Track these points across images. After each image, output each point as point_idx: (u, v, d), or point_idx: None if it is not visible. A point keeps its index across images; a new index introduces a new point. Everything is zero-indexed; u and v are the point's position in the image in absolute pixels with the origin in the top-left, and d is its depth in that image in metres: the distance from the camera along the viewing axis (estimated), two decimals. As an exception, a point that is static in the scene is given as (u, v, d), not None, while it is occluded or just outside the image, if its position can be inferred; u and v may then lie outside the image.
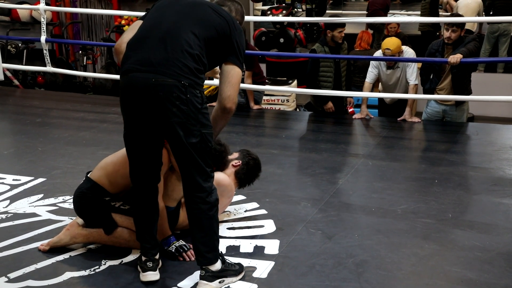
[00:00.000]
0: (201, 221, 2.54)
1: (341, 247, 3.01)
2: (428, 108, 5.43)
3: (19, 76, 8.49)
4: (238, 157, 3.32)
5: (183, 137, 2.45)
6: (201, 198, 2.52)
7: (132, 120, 2.54)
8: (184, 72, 2.42)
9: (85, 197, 2.95)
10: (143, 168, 2.63)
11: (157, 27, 2.52)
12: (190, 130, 2.44)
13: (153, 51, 2.45)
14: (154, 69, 2.41)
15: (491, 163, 4.37)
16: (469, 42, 4.99)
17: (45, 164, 4.34)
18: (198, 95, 2.46)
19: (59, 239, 2.99)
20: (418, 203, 3.60)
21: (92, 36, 9.37)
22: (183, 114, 2.42)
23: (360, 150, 4.66)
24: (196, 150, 2.47)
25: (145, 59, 2.45)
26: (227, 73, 2.61)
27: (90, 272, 2.80)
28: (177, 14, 2.55)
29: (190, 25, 2.50)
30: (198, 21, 2.53)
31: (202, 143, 2.48)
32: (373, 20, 5.63)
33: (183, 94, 2.40)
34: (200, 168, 2.50)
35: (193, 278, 2.72)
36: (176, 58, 2.42)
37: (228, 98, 2.61)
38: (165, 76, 2.40)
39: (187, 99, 2.41)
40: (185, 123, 2.43)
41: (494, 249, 3.00)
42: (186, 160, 2.50)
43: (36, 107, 6.30)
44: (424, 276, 2.76)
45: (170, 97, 2.40)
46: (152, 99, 2.41)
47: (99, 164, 3.05)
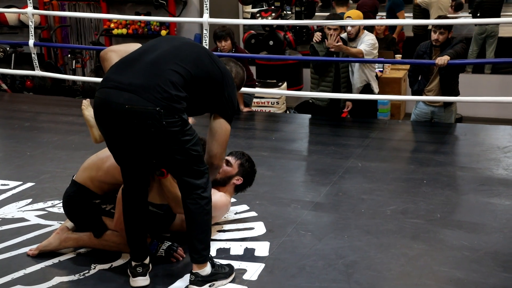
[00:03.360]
0: (198, 217, 2.55)
1: (331, 249, 3.02)
2: (417, 109, 5.46)
3: (7, 80, 8.43)
4: (238, 173, 3.26)
5: (167, 158, 2.49)
6: (198, 194, 2.53)
7: (110, 138, 2.55)
8: (163, 98, 2.38)
9: (73, 201, 2.95)
10: (131, 172, 2.63)
11: (150, 54, 2.52)
12: (173, 150, 2.45)
13: (137, 73, 2.44)
14: (132, 89, 2.39)
15: (479, 163, 4.40)
16: (456, 44, 5.03)
17: (34, 168, 4.32)
18: (176, 118, 2.41)
19: (49, 243, 2.98)
20: (407, 204, 3.62)
21: (81, 39, 9.32)
22: (161, 139, 2.42)
23: (350, 152, 4.68)
24: (184, 163, 2.49)
25: (127, 79, 2.43)
26: (215, 130, 2.64)
27: (80, 277, 2.79)
28: (173, 47, 2.56)
29: (182, 59, 2.50)
30: (192, 59, 2.53)
31: (189, 156, 2.49)
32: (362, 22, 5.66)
33: (158, 122, 2.36)
34: (192, 171, 2.52)
35: (184, 281, 2.72)
36: (157, 83, 2.39)
37: (215, 156, 2.68)
38: (140, 98, 2.36)
39: (163, 126, 2.38)
40: (165, 146, 2.44)
41: (482, 248, 3.02)
42: (176, 171, 2.54)
43: (25, 111, 6.26)
44: (413, 276, 2.77)
45: (145, 124, 2.37)
46: (127, 125, 2.40)
47: (82, 166, 3.03)
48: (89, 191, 2.94)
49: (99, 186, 2.95)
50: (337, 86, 5.48)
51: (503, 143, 4.87)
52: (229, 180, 3.24)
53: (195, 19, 7.48)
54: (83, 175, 2.98)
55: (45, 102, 6.82)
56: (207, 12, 5.69)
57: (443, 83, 5.11)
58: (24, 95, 8.20)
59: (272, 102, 7.10)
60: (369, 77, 5.51)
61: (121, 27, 8.61)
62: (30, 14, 6.39)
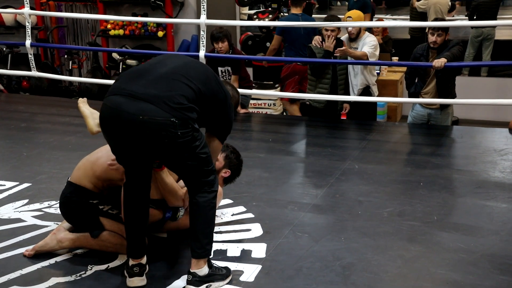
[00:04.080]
0: (205, 210, 2.57)
1: (327, 250, 3.02)
2: (413, 112, 5.48)
3: (3, 81, 8.41)
4: (225, 165, 3.25)
5: (177, 164, 2.52)
6: (206, 189, 2.57)
7: (118, 146, 2.56)
8: (178, 108, 2.40)
9: (70, 202, 2.94)
10: (135, 171, 2.63)
11: (161, 67, 2.56)
12: (184, 157, 2.47)
13: (151, 84, 2.45)
14: (146, 98, 2.39)
15: (476, 166, 4.41)
16: (453, 47, 5.04)
17: (30, 169, 4.31)
18: (189, 128, 2.44)
19: (45, 243, 2.97)
20: (403, 206, 3.62)
21: (78, 40, 9.31)
22: (173, 149, 2.43)
23: (347, 154, 4.69)
24: (194, 167, 2.52)
25: (140, 88, 2.44)
26: (211, 148, 2.67)
27: (76, 278, 2.78)
28: (184, 64, 2.61)
29: (192, 76, 2.53)
30: (201, 77, 2.57)
31: (199, 159, 2.51)
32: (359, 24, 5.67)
33: (172, 133, 2.38)
34: (202, 172, 2.55)
35: (181, 281, 2.72)
36: (171, 94, 2.42)
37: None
38: (156, 108, 2.37)
39: (177, 136, 2.40)
40: (177, 154, 2.46)
41: (479, 250, 3.03)
42: (187, 174, 2.57)
43: (21, 111, 6.25)
44: (410, 278, 2.78)
45: (159, 135, 2.38)
46: (139, 135, 2.40)
47: (77, 166, 3.04)
48: (86, 190, 2.94)
49: (95, 183, 2.95)
50: (334, 88, 5.48)
51: (500, 145, 4.88)
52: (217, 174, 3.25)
53: (192, 20, 7.48)
54: (78, 175, 2.98)
55: (42, 102, 6.81)
56: (204, 13, 5.69)
57: (439, 85, 5.13)
58: (20, 95, 8.19)
59: (269, 104, 7.12)
60: (369, 81, 5.52)
61: (118, 28, 8.61)
62: (26, 14, 6.38)
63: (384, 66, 7.28)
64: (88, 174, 2.95)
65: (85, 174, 2.96)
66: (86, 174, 2.95)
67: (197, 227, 2.58)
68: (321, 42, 5.42)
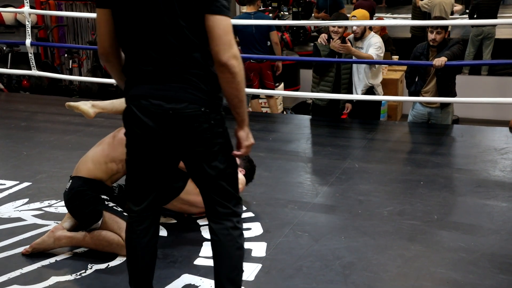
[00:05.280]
0: (229, 252, 2.19)
1: (327, 249, 3.02)
2: (414, 111, 5.47)
3: (3, 80, 8.41)
4: (241, 164, 3.40)
5: (207, 166, 2.13)
6: (231, 222, 2.19)
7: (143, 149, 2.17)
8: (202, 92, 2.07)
9: (82, 195, 2.94)
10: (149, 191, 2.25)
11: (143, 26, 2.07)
12: (214, 157, 2.13)
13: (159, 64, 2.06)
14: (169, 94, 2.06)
15: (476, 165, 4.41)
16: (453, 45, 5.04)
17: (31, 168, 4.31)
18: (218, 117, 2.13)
19: (42, 241, 2.97)
20: (404, 205, 3.62)
21: (78, 39, 9.29)
22: (206, 143, 2.11)
23: (347, 153, 4.69)
24: (223, 176, 2.16)
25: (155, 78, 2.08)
26: (207, 29, 2.02)
27: (76, 277, 2.78)
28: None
29: (174, 10, 2.01)
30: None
31: (229, 167, 2.18)
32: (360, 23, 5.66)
33: (205, 123, 2.08)
34: (229, 194, 2.19)
35: (181, 282, 2.72)
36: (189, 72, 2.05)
37: (218, 54, 2.02)
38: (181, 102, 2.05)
39: (209, 127, 2.09)
40: (209, 150, 2.12)
41: (479, 250, 3.03)
42: (212, 188, 2.17)
43: (21, 111, 6.25)
44: (410, 278, 2.78)
45: (192, 127, 2.07)
46: (172, 131, 2.09)
47: (81, 161, 3.07)
48: (99, 182, 2.99)
49: (107, 172, 3.00)
50: (337, 86, 5.47)
51: (500, 144, 4.88)
52: None
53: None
54: (88, 167, 3.02)
55: (42, 101, 6.80)
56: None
57: (440, 84, 5.12)
58: (20, 94, 8.18)
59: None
60: (373, 82, 5.51)
61: (118, 27, 8.59)
62: (27, 13, 6.38)
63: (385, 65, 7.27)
64: (101, 167, 2.99)
65: (96, 166, 3.00)
66: (99, 167, 3.00)
67: (221, 271, 2.20)
68: (327, 40, 5.43)
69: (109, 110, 3.18)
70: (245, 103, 2.16)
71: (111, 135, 3.12)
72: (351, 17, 5.56)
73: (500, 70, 8.67)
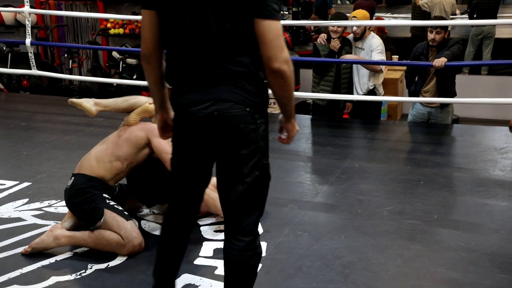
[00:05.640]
0: (240, 271, 2.13)
1: (327, 249, 3.02)
2: (414, 110, 5.47)
3: (3, 80, 8.41)
4: None
5: (245, 170, 2.08)
6: (244, 243, 2.10)
7: (187, 152, 2.15)
8: (248, 93, 2.05)
9: (84, 192, 2.97)
10: (190, 193, 2.24)
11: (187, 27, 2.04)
12: (254, 161, 2.09)
13: (205, 68, 2.02)
14: (215, 96, 2.02)
15: (476, 164, 4.41)
16: (453, 45, 5.04)
17: (31, 168, 4.30)
18: (262, 119, 2.12)
19: (41, 240, 2.98)
20: (404, 205, 3.62)
21: (78, 39, 9.30)
22: (250, 146, 2.07)
23: (347, 152, 4.69)
24: (257, 184, 2.10)
25: (197, 79, 2.05)
26: (257, 34, 1.99)
27: (76, 276, 2.78)
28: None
29: (219, 12, 1.98)
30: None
31: (263, 175, 2.13)
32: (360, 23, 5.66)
33: (251, 123, 2.05)
34: (253, 205, 2.12)
35: (181, 281, 2.72)
36: (235, 75, 2.03)
37: (269, 60, 1.99)
38: (226, 102, 2.02)
39: (255, 128, 2.07)
40: (251, 155, 2.07)
41: (479, 249, 3.03)
42: (240, 195, 2.09)
43: (21, 110, 6.24)
44: (410, 277, 2.78)
45: (237, 129, 2.03)
46: (215, 134, 2.05)
47: (85, 158, 3.10)
48: (102, 181, 3.02)
49: (110, 170, 3.03)
50: (337, 87, 5.46)
51: (500, 144, 4.88)
52: None
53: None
54: (91, 165, 3.04)
55: (42, 101, 6.80)
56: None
57: (439, 84, 5.12)
58: (20, 94, 8.19)
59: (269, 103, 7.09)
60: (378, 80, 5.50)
61: (118, 27, 8.60)
62: (26, 13, 6.37)
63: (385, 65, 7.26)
64: (104, 165, 3.02)
65: (99, 162, 3.03)
66: (103, 165, 3.02)
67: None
68: (326, 40, 5.42)
69: (111, 108, 3.19)
70: (293, 100, 2.17)
71: (116, 134, 3.13)
72: (351, 17, 5.55)
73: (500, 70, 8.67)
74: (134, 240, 2.93)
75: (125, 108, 3.16)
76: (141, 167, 3.15)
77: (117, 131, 3.18)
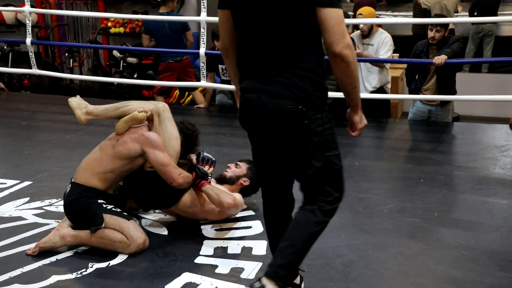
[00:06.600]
0: (299, 229, 2.25)
1: (328, 247, 3.02)
2: (414, 108, 5.47)
3: (4, 79, 8.42)
4: (247, 175, 3.42)
5: (303, 164, 2.22)
6: (315, 207, 2.26)
7: (253, 139, 2.36)
8: (304, 92, 2.15)
9: (78, 203, 2.98)
10: (273, 185, 2.41)
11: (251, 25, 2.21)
12: (310, 155, 2.19)
13: (268, 60, 2.17)
14: (271, 89, 2.17)
15: (476, 162, 4.41)
16: (453, 43, 5.04)
17: (31, 167, 4.31)
18: (317, 116, 2.18)
19: (48, 239, 2.99)
20: (404, 203, 3.62)
21: (79, 38, 9.31)
22: (300, 140, 2.18)
23: (347, 150, 4.68)
24: (320, 174, 2.22)
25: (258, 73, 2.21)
26: (320, 22, 2.09)
27: (77, 275, 2.79)
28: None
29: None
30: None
31: (327, 166, 2.21)
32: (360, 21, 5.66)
33: (300, 120, 2.15)
34: (327, 193, 2.26)
35: (181, 280, 2.73)
36: (295, 70, 2.15)
37: (331, 45, 2.08)
38: (281, 98, 2.15)
39: (304, 125, 2.16)
40: (303, 148, 2.19)
41: (479, 247, 3.03)
42: (308, 185, 2.27)
43: (22, 110, 6.25)
44: (411, 275, 2.78)
45: (287, 124, 2.16)
46: (269, 125, 2.20)
47: (80, 167, 3.11)
48: (95, 190, 3.02)
49: (104, 181, 3.03)
50: None
51: (500, 142, 4.88)
52: (237, 179, 3.40)
53: (192, 18, 7.47)
54: (86, 175, 3.06)
55: (43, 100, 6.81)
56: (205, 11, 5.69)
57: (440, 82, 5.12)
58: (21, 93, 8.20)
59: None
60: (386, 78, 5.49)
61: (118, 26, 8.60)
62: (27, 12, 6.38)
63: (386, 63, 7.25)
64: (98, 175, 3.03)
65: (93, 174, 3.02)
66: (97, 175, 3.03)
67: (282, 244, 2.24)
68: None
69: (103, 117, 3.18)
70: (358, 89, 2.27)
71: (110, 145, 3.09)
72: (357, 14, 5.53)
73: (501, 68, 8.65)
74: (138, 239, 2.95)
75: (116, 116, 3.14)
76: (136, 172, 3.13)
77: (110, 139, 3.15)
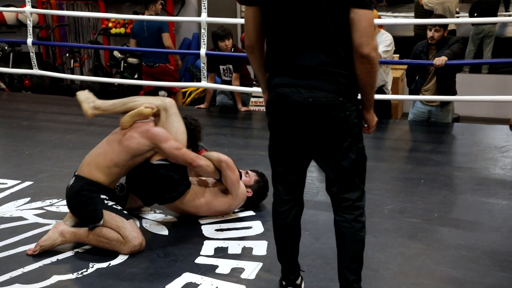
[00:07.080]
0: (351, 244, 2.34)
1: (328, 248, 3.03)
2: (414, 109, 5.48)
3: (5, 79, 8.43)
4: (252, 187, 3.49)
5: (340, 156, 2.26)
6: (353, 215, 2.33)
7: (282, 135, 2.35)
8: (341, 85, 2.18)
9: (80, 195, 2.99)
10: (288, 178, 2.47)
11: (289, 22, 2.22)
12: (348, 147, 2.25)
13: (302, 57, 2.20)
14: (310, 84, 2.19)
15: (476, 163, 4.42)
16: (453, 44, 5.04)
17: (32, 167, 4.32)
18: (354, 108, 2.24)
19: (48, 237, 3.00)
20: (404, 203, 3.63)
21: (79, 38, 9.31)
22: (341, 132, 2.23)
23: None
24: (354, 166, 2.28)
25: (297, 67, 2.22)
26: (352, 22, 2.14)
27: (78, 275, 2.79)
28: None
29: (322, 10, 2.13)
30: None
31: (359, 158, 2.29)
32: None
33: (342, 112, 2.19)
34: (355, 186, 2.33)
35: (182, 280, 2.73)
36: (330, 66, 2.18)
37: (361, 46, 2.13)
38: (321, 91, 2.18)
39: (345, 116, 2.20)
40: (343, 140, 2.24)
41: (479, 247, 3.03)
42: (341, 177, 2.31)
43: (23, 110, 6.26)
44: (411, 276, 2.78)
45: (329, 117, 2.19)
46: (307, 119, 2.21)
47: (85, 161, 3.12)
48: (98, 184, 3.03)
49: (108, 175, 3.05)
50: None
51: (500, 142, 4.89)
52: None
53: (193, 18, 7.49)
54: (89, 169, 3.06)
55: (43, 101, 6.82)
56: (205, 11, 5.70)
57: (440, 82, 5.13)
58: (22, 94, 8.20)
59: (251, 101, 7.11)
60: (386, 77, 5.49)
61: (119, 26, 8.61)
62: (28, 13, 6.39)
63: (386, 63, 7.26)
64: (102, 170, 3.04)
65: (97, 168, 3.04)
66: (101, 170, 3.04)
67: (343, 261, 2.36)
68: None
69: (110, 112, 3.21)
70: (374, 90, 2.30)
71: (115, 138, 3.12)
72: None
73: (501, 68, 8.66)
74: (134, 239, 2.94)
75: (123, 111, 3.17)
76: (140, 167, 3.15)
77: (116, 133, 3.17)
